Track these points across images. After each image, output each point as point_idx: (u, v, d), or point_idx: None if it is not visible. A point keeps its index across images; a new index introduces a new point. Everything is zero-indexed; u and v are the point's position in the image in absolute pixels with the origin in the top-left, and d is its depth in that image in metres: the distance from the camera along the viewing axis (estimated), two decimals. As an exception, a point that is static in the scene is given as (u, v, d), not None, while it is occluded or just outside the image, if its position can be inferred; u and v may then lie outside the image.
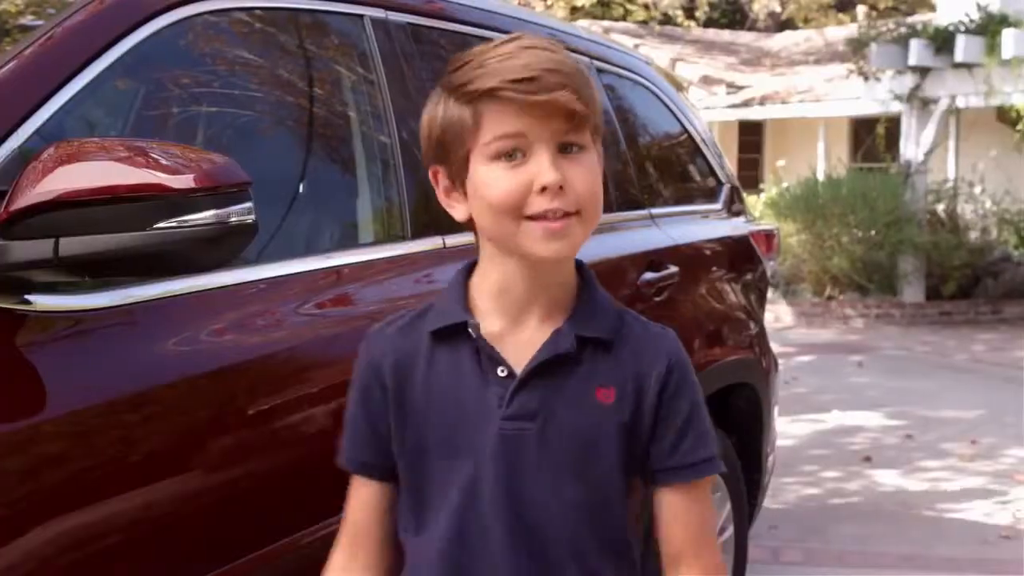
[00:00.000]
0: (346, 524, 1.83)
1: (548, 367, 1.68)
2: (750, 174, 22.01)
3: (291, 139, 2.91)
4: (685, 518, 1.76)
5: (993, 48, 14.03)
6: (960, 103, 15.68)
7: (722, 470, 1.79)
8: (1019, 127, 15.16)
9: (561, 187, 1.60)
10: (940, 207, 16.11)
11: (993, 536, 6.22)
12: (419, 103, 3.05)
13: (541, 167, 1.60)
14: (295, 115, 2.92)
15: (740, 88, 22.32)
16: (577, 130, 1.63)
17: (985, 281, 15.54)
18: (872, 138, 18.39)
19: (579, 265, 1.76)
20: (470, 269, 1.79)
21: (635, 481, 1.76)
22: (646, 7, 29.37)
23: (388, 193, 2.95)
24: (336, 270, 2.72)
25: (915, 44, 14.89)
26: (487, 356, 1.69)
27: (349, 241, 2.93)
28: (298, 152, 2.90)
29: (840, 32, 22.62)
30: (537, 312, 1.71)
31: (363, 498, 1.81)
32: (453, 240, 3.01)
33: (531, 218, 1.61)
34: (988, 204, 16.76)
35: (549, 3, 26.90)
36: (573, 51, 4.00)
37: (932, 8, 21.16)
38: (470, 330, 1.70)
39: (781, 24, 29.10)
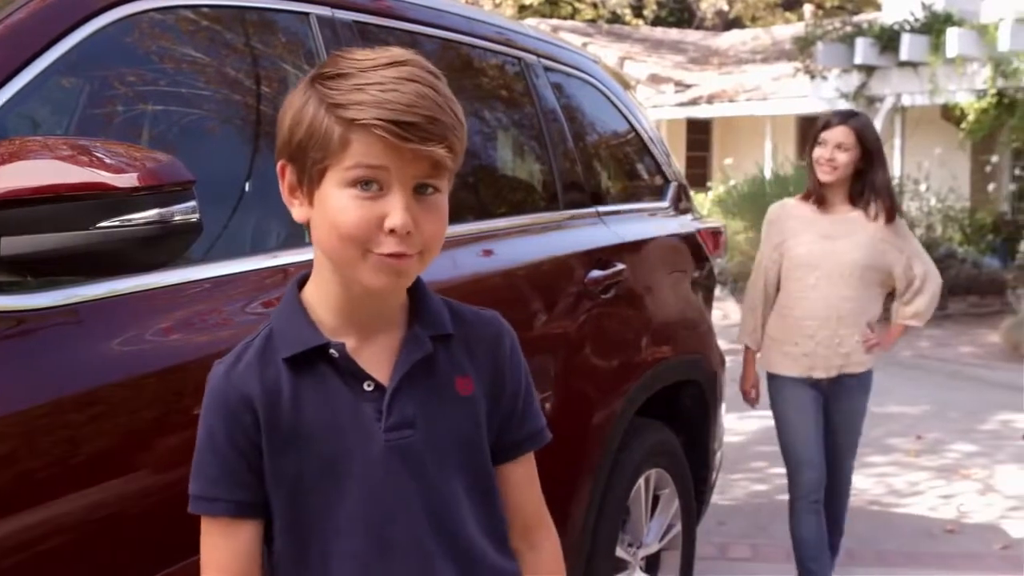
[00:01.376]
0: None
1: (413, 371, 1.69)
2: (698, 172, 22.11)
3: (237, 138, 2.90)
4: (531, 487, 1.85)
5: (938, 47, 14.18)
6: (905, 101, 15.84)
7: (549, 438, 1.87)
8: (963, 125, 15.31)
9: (409, 232, 1.59)
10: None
11: (938, 530, 6.28)
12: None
13: (394, 208, 1.58)
14: (241, 114, 2.90)
15: (688, 87, 22.42)
16: (438, 175, 1.63)
17: (930, 278, 15.64)
18: (819, 136, 18.50)
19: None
20: (301, 283, 1.76)
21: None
22: (594, 6, 29.43)
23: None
24: (283, 269, 2.71)
25: (861, 43, 15.02)
26: (351, 374, 1.68)
27: (295, 240, 2.92)
28: (244, 151, 2.89)
29: (787, 31, 22.78)
30: (383, 320, 1.71)
31: (241, 544, 1.70)
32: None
33: (371, 252, 1.60)
34: (933, 202, 16.94)
35: (498, 1, 26.90)
36: (521, 50, 4.02)
37: (878, 7, 21.34)
38: (332, 351, 1.67)
39: (729, 23, 29.25)
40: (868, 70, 15.40)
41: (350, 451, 1.66)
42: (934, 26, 14.37)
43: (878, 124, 15.50)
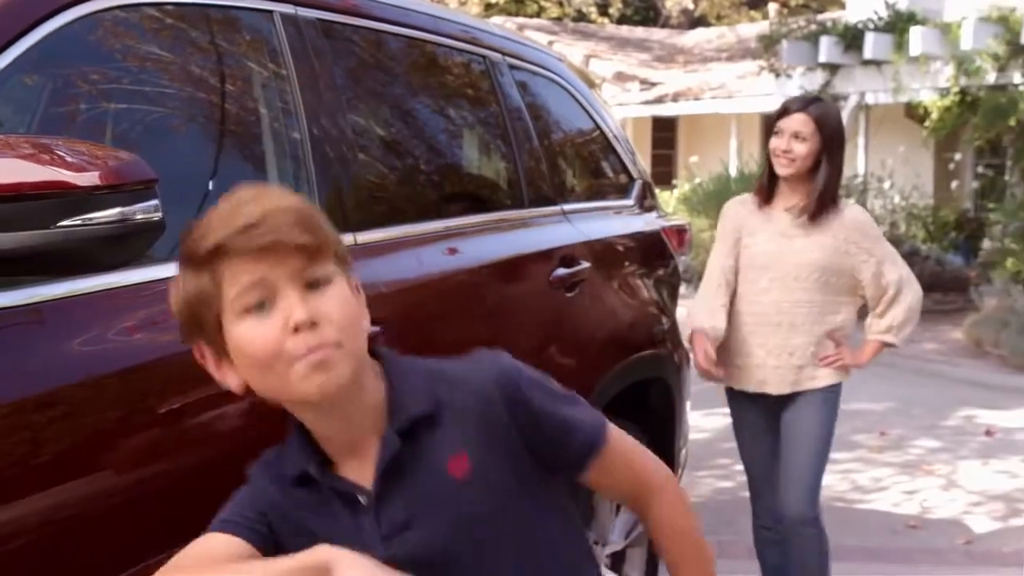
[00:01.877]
0: None
1: (391, 476, 1.65)
2: (663, 170, 22.14)
3: (200, 136, 2.88)
4: (615, 474, 1.81)
5: (901, 45, 14.25)
6: (869, 99, 15.91)
7: (608, 429, 1.80)
8: (926, 123, 15.39)
9: (315, 323, 1.56)
10: (849, 201, 16.29)
11: (901, 526, 6.32)
12: (330, 99, 3.06)
13: (290, 307, 1.55)
14: (205, 112, 2.89)
15: (653, 85, 22.46)
16: (316, 264, 1.59)
17: (894, 275, 15.71)
18: (783, 134, 18.56)
19: (375, 352, 1.72)
20: None
21: (555, 487, 1.78)
22: (560, 4, 29.45)
23: (299, 189, 2.93)
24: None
25: (825, 41, 15.08)
26: (342, 492, 1.67)
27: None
28: (208, 149, 2.87)
29: (752, 29, 22.85)
30: (362, 427, 1.67)
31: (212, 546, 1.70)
32: (364, 237, 3.01)
33: (294, 359, 1.56)
34: (897, 199, 17.02)
35: (463, 0, 26.89)
36: (487, 48, 4.02)
37: (842, 6, 21.44)
38: (310, 469, 1.68)
39: (694, 21, 29.33)
40: (832, 68, 15.47)
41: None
42: (897, 25, 14.44)
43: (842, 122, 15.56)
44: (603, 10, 29.03)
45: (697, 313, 4.37)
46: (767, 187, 4.34)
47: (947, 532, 6.22)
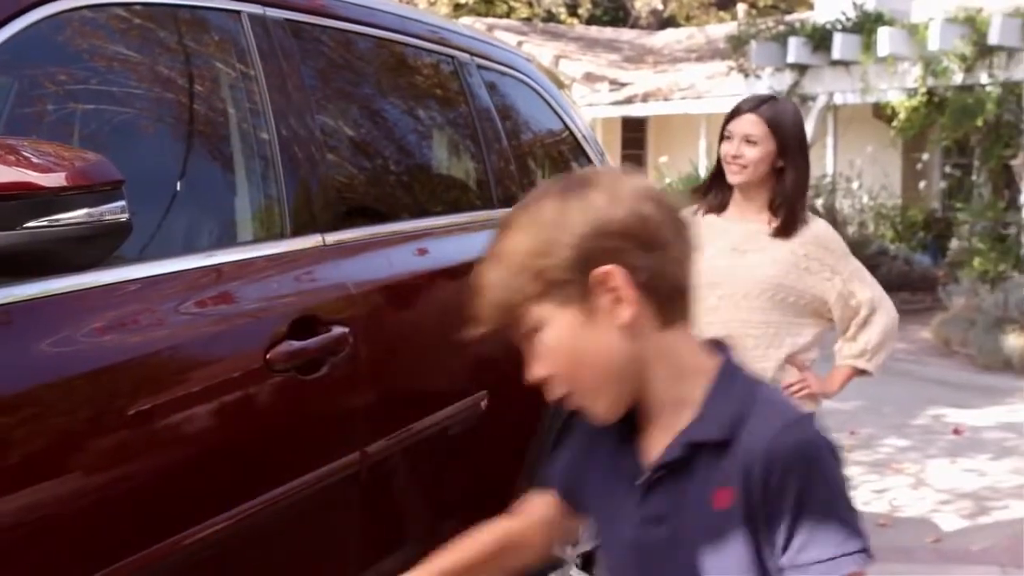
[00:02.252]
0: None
1: (667, 474, 1.65)
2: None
3: (169, 136, 2.88)
4: None
5: (869, 46, 14.32)
6: (838, 100, 15.98)
7: (851, 569, 1.59)
8: (894, 124, 15.47)
9: (543, 378, 1.65)
10: (819, 202, 16.39)
11: (870, 525, 6.28)
12: (299, 99, 3.05)
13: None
14: (172, 112, 2.88)
15: (623, 85, 22.49)
16: (522, 320, 1.63)
17: (863, 275, 15.79)
18: (753, 134, 18.63)
19: (726, 363, 1.70)
20: None
21: None
22: (529, 4, 29.47)
23: (267, 190, 2.93)
24: (216, 268, 2.70)
25: (794, 42, 15.14)
26: (629, 459, 1.70)
27: (228, 239, 2.90)
28: (176, 149, 2.87)
29: (721, 30, 22.91)
30: (665, 416, 1.67)
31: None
32: (333, 237, 3.00)
33: None
34: (865, 199, 17.10)
35: (432, 0, 26.86)
36: (455, 48, 4.02)
37: (810, 6, 21.52)
38: (615, 433, 1.71)
39: (663, 22, 29.38)
40: (801, 69, 15.53)
41: (616, 525, 1.72)
42: (865, 25, 14.51)
43: (811, 123, 15.64)
44: (572, 11, 29.06)
45: None
46: (718, 196, 3.90)
47: (916, 530, 6.24)
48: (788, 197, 3.76)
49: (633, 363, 1.63)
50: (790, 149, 3.75)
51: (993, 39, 12.94)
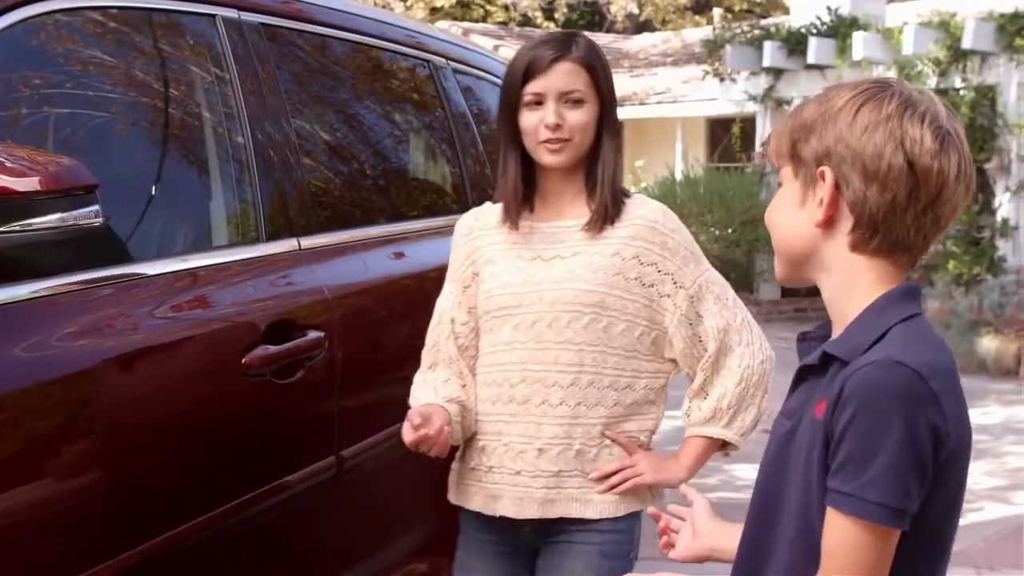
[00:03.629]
0: None
1: (804, 374, 1.81)
2: (610, 174, 22.19)
3: (143, 141, 2.87)
4: (824, 540, 1.68)
5: (844, 50, 14.36)
6: (812, 104, 16.00)
7: (859, 514, 1.62)
8: (869, 127, 15.50)
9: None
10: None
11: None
12: (274, 103, 3.05)
13: None
14: (147, 116, 2.87)
15: (599, 89, 22.51)
16: (780, 169, 1.84)
17: (838, 278, 15.85)
18: (728, 138, 18.69)
19: (888, 295, 1.75)
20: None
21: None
22: (505, 8, 29.48)
23: (241, 194, 2.92)
24: (191, 272, 2.69)
25: (769, 46, 15.18)
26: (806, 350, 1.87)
27: (203, 244, 2.90)
28: (151, 154, 2.86)
29: (697, 34, 22.95)
30: (836, 326, 1.80)
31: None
32: (308, 242, 3.00)
33: None
34: (841, 203, 17.14)
35: (408, 4, 26.85)
36: (432, 53, 4.02)
37: (786, 11, 21.59)
38: (805, 333, 1.91)
39: (639, 26, 29.42)
40: (776, 73, 15.57)
41: None
42: (840, 30, 14.55)
43: (786, 126, 15.66)
44: (549, 14, 29.07)
45: (414, 389, 2.79)
46: (517, 189, 2.70)
47: (891, 532, 6.26)
48: (610, 174, 2.67)
49: (809, 257, 1.80)
50: (611, 105, 2.70)
51: (966, 43, 13.00)
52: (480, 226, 2.77)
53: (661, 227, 2.67)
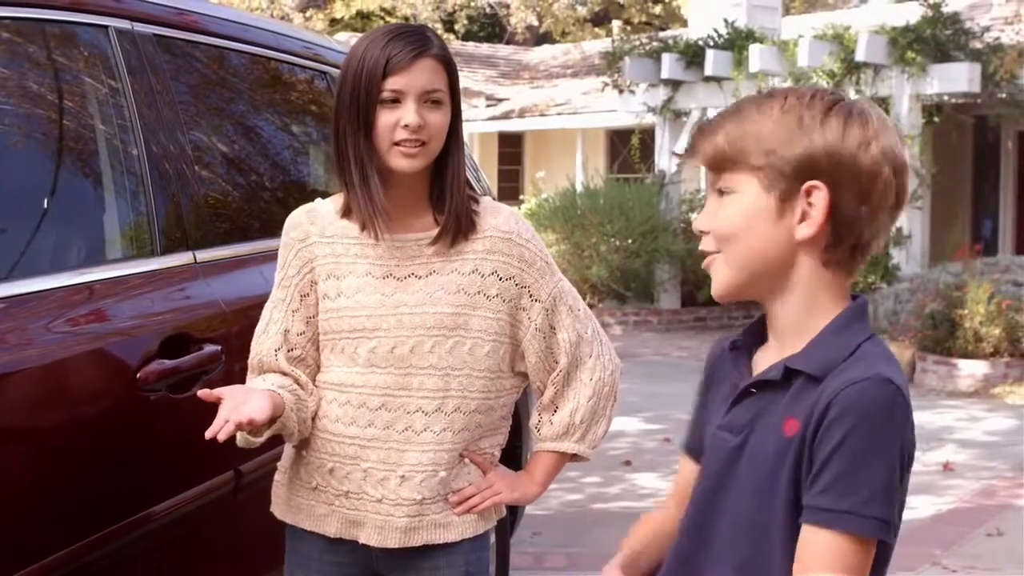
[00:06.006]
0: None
1: (761, 388, 1.77)
2: (511, 185, 22.26)
3: (35, 152, 2.83)
4: (800, 558, 1.66)
5: (740, 62, 14.53)
6: (711, 115, 16.15)
7: (849, 527, 1.62)
8: (766, 138, 15.69)
9: (705, 232, 1.79)
10: (694, 216, 16.61)
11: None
12: (169, 115, 3.02)
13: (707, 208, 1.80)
14: (39, 128, 2.84)
15: (499, 101, 22.60)
16: (725, 174, 1.76)
17: (737, 287, 16.03)
18: (628, 149, 18.81)
19: (849, 311, 1.77)
20: None
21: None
22: (406, 19, 29.45)
23: (136, 205, 2.90)
24: (88, 286, 2.67)
25: (667, 58, 15.31)
26: (737, 369, 1.85)
27: (97, 257, 2.86)
28: (43, 166, 2.82)
29: (597, 46, 23.10)
30: (775, 335, 1.81)
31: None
32: (204, 255, 2.98)
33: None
34: (739, 213, 17.33)
35: (308, 16, 26.73)
36: (330, 65, 4.01)
37: (684, 23, 21.81)
38: (735, 342, 1.88)
39: (539, 38, 29.57)
40: (674, 85, 15.70)
41: (709, 428, 1.86)
42: (737, 42, 14.71)
43: (685, 137, 15.83)
44: (449, 26, 29.11)
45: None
46: (367, 197, 2.44)
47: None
48: (460, 182, 2.51)
49: (778, 270, 1.75)
50: (459, 108, 2.53)
51: (860, 56, 13.22)
52: (317, 232, 2.51)
53: (517, 238, 2.53)
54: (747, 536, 1.74)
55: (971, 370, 10.82)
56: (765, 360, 1.81)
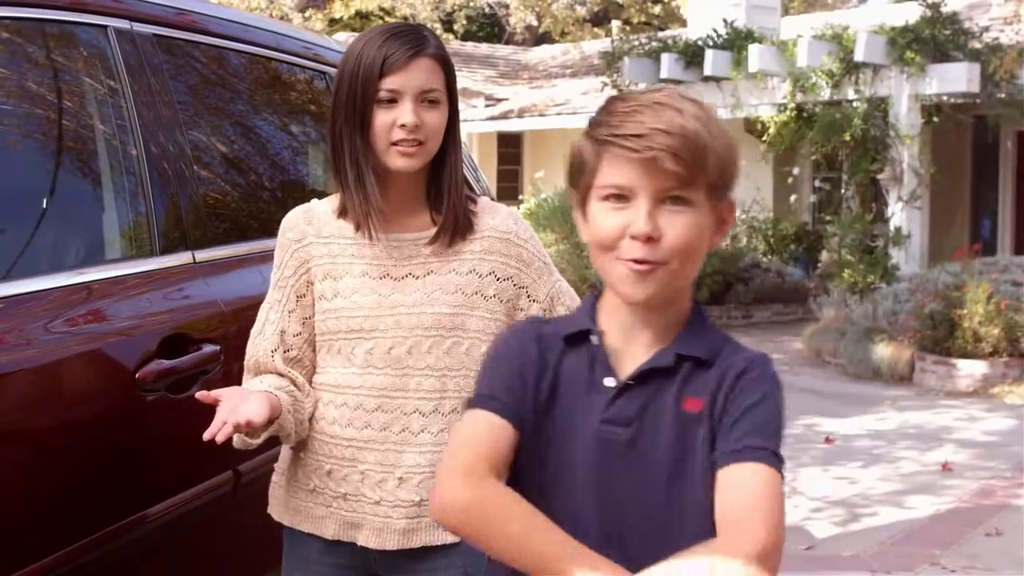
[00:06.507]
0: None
1: (646, 379, 1.80)
2: (510, 185, 22.26)
3: (35, 153, 2.83)
4: (732, 494, 1.71)
5: (740, 62, 14.54)
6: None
7: (777, 464, 1.73)
8: (765, 138, 15.72)
9: (652, 238, 1.73)
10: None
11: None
12: (168, 115, 3.02)
13: (637, 217, 1.74)
14: (39, 128, 2.84)
15: (499, 101, 22.61)
16: (684, 187, 1.74)
17: (736, 287, 16.06)
18: (627, 149, 18.81)
19: (698, 305, 1.88)
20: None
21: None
22: (405, 20, 29.45)
23: (135, 206, 2.90)
24: (87, 286, 2.66)
25: (666, 58, 15.32)
26: (601, 364, 1.83)
27: (96, 257, 2.86)
28: (42, 166, 2.82)
29: (596, 46, 23.10)
30: (649, 334, 1.83)
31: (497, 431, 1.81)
32: (203, 255, 2.98)
33: (620, 258, 1.76)
34: (737, 212, 17.36)
35: (307, 16, 26.73)
36: (330, 65, 4.01)
37: (683, 23, 21.80)
38: (592, 338, 1.84)
39: (538, 38, 29.56)
40: (674, 84, 15.72)
41: (575, 427, 1.82)
42: (736, 42, 14.72)
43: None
44: (448, 26, 29.10)
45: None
46: (364, 196, 2.46)
47: (789, 538, 6.31)
48: (458, 182, 2.53)
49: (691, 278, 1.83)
50: (457, 108, 2.53)
51: (859, 56, 13.23)
52: (314, 232, 2.51)
53: (515, 238, 2.54)
54: (651, 521, 1.78)
55: (970, 370, 10.82)
56: (630, 356, 1.83)
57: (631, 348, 1.83)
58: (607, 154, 1.76)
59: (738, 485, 1.71)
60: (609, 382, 1.81)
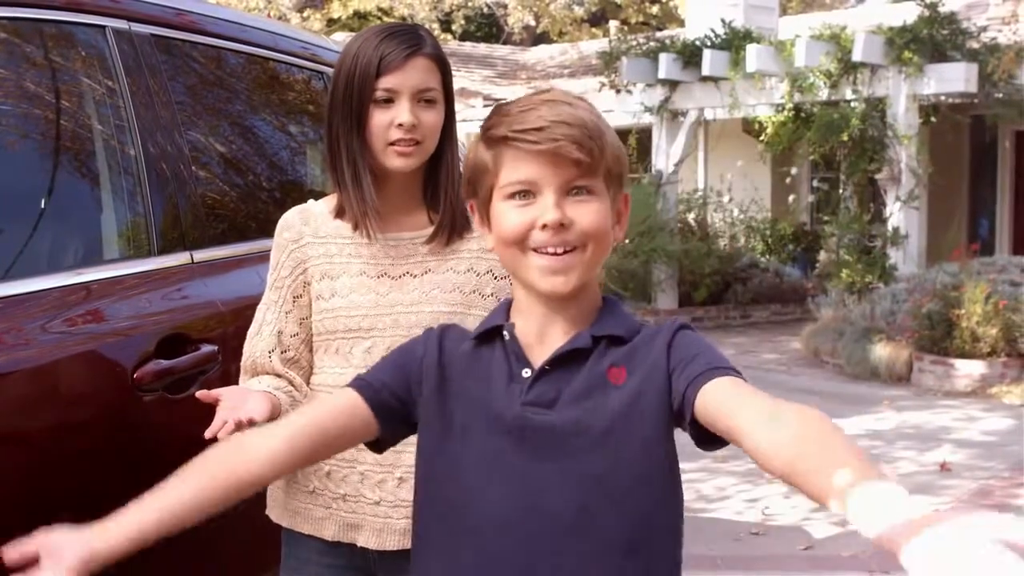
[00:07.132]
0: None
1: (563, 361, 1.83)
2: (508, 185, 22.27)
3: (33, 153, 2.83)
4: (736, 396, 1.73)
5: (737, 62, 14.53)
6: (708, 115, 16.21)
7: (738, 374, 1.78)
8: (763, 138, 15.72)
9: (563, 225, 1.77)
10: (691, 216, 16.63)
11: (744, 533, 6.44)
12: (166, 115, 3.02)
13: (546, 208, 1.77)
14: (37, 128, 2.84)
15: (497, 101, 22.59)
16: (586, 176, 1.79)
17: (734, 287, 16.08)
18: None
19: (607, 297, 1.92)
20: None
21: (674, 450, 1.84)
22: (403, 20, 29.45)
23: (133, 206, 2.90)
24: (85, 286, 2.66)
25: (664, 58, 15.31)
26: (515, 356, 1.85)
27: (94, 258, 2.86)
28: (41, 166, 2.82)
29: (593, 46, 23.11)
30: (564, 324, 1.86)
31: (342, 405, 1.91)
32: (201, 255, 2.98)
33: (534, 250, 1.79)
34: (736, 212, 17.39)
35: (305, 16, 26.73)
36: (327, 65, 4.01)
37: (681, 23, 21.80)
38: (504, 332, 1.87)
39: (536, 38, 29.56)
40: (671, 85, 15.70)
41: (491, 414, 1.84)
42: (734, 42, 14.71)
43: (682, 137, 15.86)
44: (446, 26, 29.11)
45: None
46: (360, 196, 2.46)
47: (788, 538, 6.35)
48: (455, 181, 2.51)
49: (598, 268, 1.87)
50: (453, 107, 2.54)
51: (857, 56, 13.22)
52: (311, 232, 2.51)
53: None
54: (583, 493, 1.79)
55: (968, 370, 10.82)
56: (543, 347, 1.86)
57: (548, 340, 1.86)
58: (508, 152, 1.79)
59: (725, 397, 1.74)
60: (526, 373, 1.84)
